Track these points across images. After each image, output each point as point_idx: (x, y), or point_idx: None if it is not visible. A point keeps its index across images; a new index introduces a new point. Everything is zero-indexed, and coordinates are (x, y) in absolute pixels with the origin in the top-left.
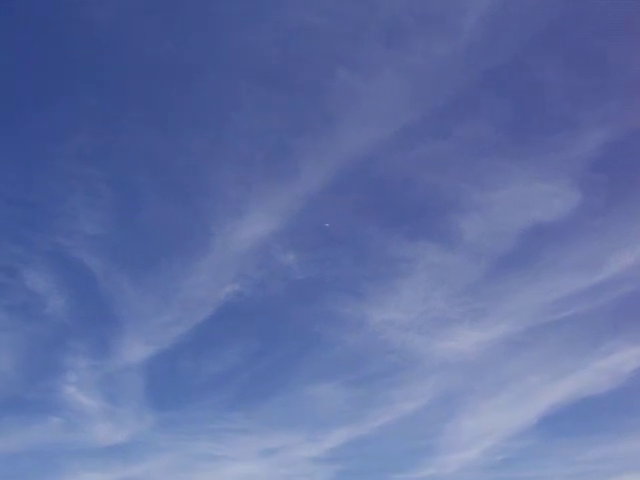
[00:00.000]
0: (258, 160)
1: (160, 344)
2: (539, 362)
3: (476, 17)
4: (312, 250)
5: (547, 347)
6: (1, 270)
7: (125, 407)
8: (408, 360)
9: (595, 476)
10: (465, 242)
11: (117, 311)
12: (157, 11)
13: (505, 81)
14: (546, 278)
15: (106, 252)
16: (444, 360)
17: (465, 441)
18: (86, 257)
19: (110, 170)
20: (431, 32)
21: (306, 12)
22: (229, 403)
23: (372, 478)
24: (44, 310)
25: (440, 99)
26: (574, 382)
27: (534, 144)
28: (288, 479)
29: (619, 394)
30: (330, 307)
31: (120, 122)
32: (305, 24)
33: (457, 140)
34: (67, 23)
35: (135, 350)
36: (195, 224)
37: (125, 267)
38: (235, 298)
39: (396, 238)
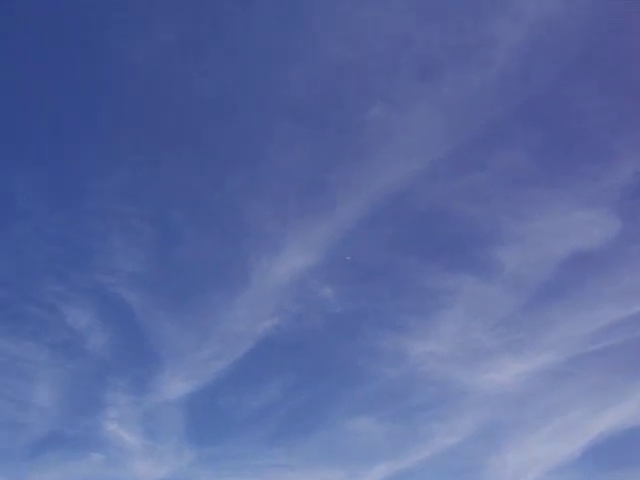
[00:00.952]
0: (294, 195)
1: (200, 379)
2: (582, 393)
3: (508, 47)
4: (350, 283)
5: (589, 378)
6: (43, 307)
7: (165, 443)
8: (449, 392)
9: None
10: (504, 273)
11: (157, 347)
12: (192, 50)
13: (539, 110)
14: (587, 307)
15: (145, 288)
16: (485, 392)
17: (508, 475)
18: (125, 294)
19: (148, 207)
20: (464, 64)
21: (339, 48)
22: (269, 438)
23: None
24: (85, 347)
25: (474, 130)
26: (618, 413)
27: (571, 173)
28: None
29: None
30: (369, 340)
31: (157, 159)
32: (339, 60)
33: (493, 171)
34: (107, 64)
35: (175, 386)
36: (233, 259)
37: (164, 303)
38: (274, 332)
39: (434, 270)
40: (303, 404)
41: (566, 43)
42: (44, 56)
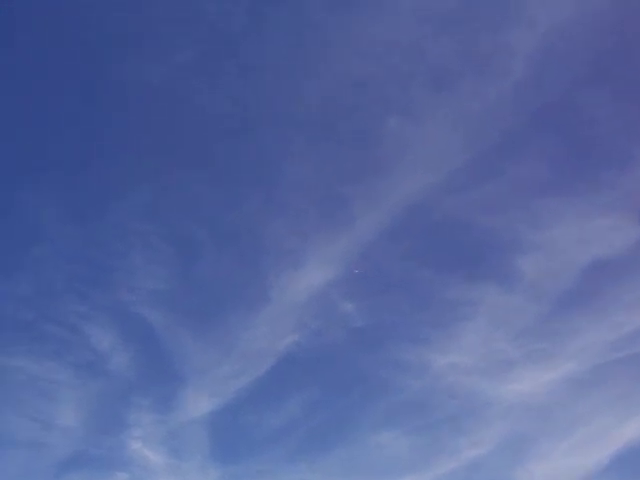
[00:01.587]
0: (312, 210)
1: (222, 397)
2: (607, 401)
3: (523, 56)
4: (370, 297)
5: (614, 386)
6: (65, 327)
7: (189, 461)
8: (472, 404)
9: None
10: (525, 282)
11: (179, 365)
12: (207, 69)
13: (555, 118)
14: (610, 314)
15: (166, 307)
16: (509, 403)
17: None
18: (147, 312)
19: (167, 226)
20: (479, 74)
21: (354, 62)
22: (293, 454)
23: None
24: (108, 366)
25: (491, 140)
26: None
27: (589, 180)
28: None
29: None
30: (391, 353)
31: (176, 179)
32: (353, 74)
33: (511, 180)
34: (124, 86)
35: (197, 404)
36: (252, 276)
37: (185, 321)
38: (295, 348)
39: (455, 281)
40: (326, 419)
41: (579, 50)
42: (63, 79)
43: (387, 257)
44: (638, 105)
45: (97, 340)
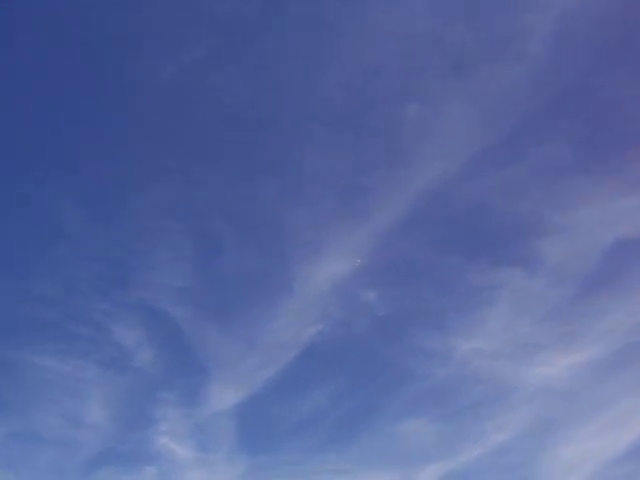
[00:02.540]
0: (333, 201)
1: (248, 389)
2: (634, 383)
3: (540, 39)
4: (393, 285)
5: None
6: (90, 326)
7: (217, 453)
8: (498, 389)
9: None
10: (549, 265)
11: (204, 359)
12: (221, 64)
13: (575, 100)
14: (635, 295)
15: (190, 302)
16: (535, 387)
17: (563, 470)
18: (171, 308)
19: (188, 221)
20: (497, 57)
21: (370, 51)
22: (320, 444)
23: None
24: (133, 363)
25: (510, 124)
26: None
27: (610, 160)
28: None
29: None
30: (415, 341)
31: (194, 174)
32: (369, 63)
33: (532, 163)
34: (139, 84)
35: (224, 397)
36: (275, 268)
37: (209, 315)
38: (319, 339)
39: (478, 267)
40: (352, 408)
41: (596, 30)
42: (80, 79)
43: (409, 245)
44: None
45: (122, 337)
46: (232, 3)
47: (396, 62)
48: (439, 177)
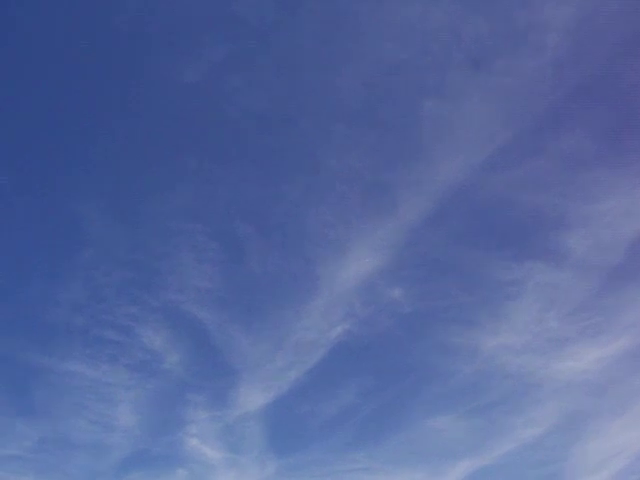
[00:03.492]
0: (355, 199)
1: (276, 390)
2: None
3: (559, 30)
4: (418, 282)
5: None
6: (118, 330)
7: (247, 455)
8: (526, 384)
9: None
10: (574, 258)
11: (232, 361)
12: (241, 65)
13: (597, 90)
14: None
15: (216, 303)
16: (563, 381)
17: (594, 464)
18: (198, 311)
19: (212, 223)
20: (515, 50)
21: (388, 47)
22: (350, 443)
23: None
24: (162, 366)
25: (532, 116)
26: None
27: (634, 150)
28: None
29: None
30: (442, 338)
31: (216, 175)
32: (388, 59)
33: (554, 155)
34: (160, 86)
35: (252, 398)
36: (300, 267)
37: (236, 317)
38: (346, 337)
39: (502, 262)
40: (380, 406)
41: (615, 19)
42: (99, 83)
43: (433, 241)
44: None
45: (150, 341)
46: (249, 4)
47: (415, 57)
48: (461, 172)
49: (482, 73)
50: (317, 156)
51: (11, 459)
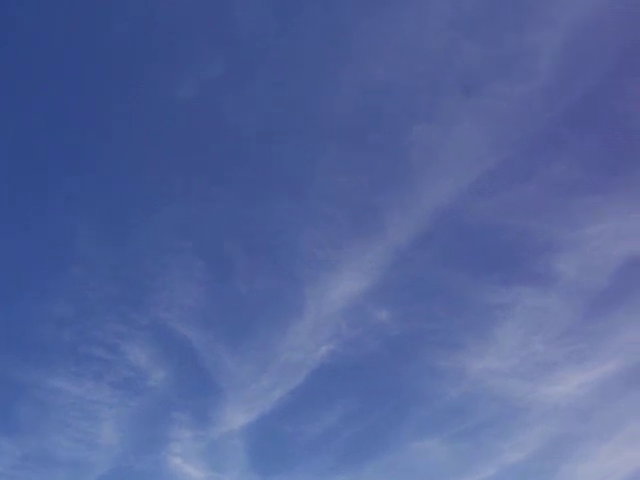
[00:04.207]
0: (344, 220)
1: (260, 409)
2: None
3: (549, 55)
4: (405, 305)
5: None
6: (104, 347)
7: (230, 474)
8: (512, 408)
9: None
10: (561, 282)
11: (217, 380)
12: (236, 83)
13: (587, 116)
14: None
15: (203, 322)
16: (550, 405)
17: None
18: (184, 329)
19: (200, 241)
20: (506, 75)
21: (380, 70)
22: (333, 464)
23: None
24: (147, 383)
25: (521, 141)
26: None
27: (623, 176)
28: None
29: None
30: (428, 360)
31: (206, 193)
32: (380, 82)
33: (543, 180)
34: (155, 103)
35: (236, 417)
36: (287, 288)
37: (222, 336)
38: (331, 358)
39: (490, 285)
40: (365, 429)
41: (605, 44)
42: (92, 96)
43: (421, 264)
44: None
45: (136, 358)
46: (246, 22)
47: (406, 80)
48: (450, 195)
49: (472, 97)
50: (307, 177)
51: None
